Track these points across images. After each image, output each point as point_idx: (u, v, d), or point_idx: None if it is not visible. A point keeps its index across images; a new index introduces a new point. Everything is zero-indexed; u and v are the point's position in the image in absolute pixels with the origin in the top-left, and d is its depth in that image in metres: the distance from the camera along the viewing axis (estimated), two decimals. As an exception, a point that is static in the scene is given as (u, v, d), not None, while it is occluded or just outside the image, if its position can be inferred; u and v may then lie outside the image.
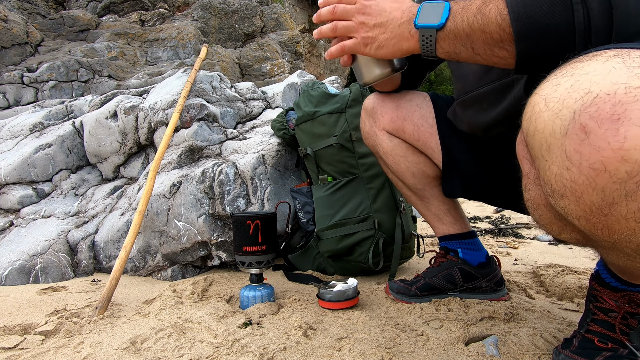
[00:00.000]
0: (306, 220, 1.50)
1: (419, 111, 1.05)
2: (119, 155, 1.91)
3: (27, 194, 1.78)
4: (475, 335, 0.87)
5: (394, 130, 1.08)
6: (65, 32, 3.62)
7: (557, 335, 0.87)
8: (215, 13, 4.19)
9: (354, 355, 0.79)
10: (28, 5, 3.73)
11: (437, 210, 1.11)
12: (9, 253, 1.49)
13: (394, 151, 1.08)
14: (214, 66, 3.36)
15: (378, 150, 1.13)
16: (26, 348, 0.86)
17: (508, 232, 2.37)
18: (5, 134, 2.14)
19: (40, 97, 2.90)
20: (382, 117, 1.08)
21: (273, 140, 1.67)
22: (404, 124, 1.05)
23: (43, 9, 3.85)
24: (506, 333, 0.88)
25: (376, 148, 1.13)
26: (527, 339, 0.84)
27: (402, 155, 1.08)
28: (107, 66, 3.17)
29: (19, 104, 2.86)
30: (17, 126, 2.14)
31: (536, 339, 0.85)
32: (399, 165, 1.09)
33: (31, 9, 3.73)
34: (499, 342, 0.84)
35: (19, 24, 3.21)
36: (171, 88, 1.97)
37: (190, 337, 0.89)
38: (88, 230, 1.62)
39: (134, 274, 1.50)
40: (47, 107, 2.43)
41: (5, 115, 2.63)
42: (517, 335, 0.87)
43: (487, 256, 1.10)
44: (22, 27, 3.22)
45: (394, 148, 1.08)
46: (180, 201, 1.46)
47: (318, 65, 7.53)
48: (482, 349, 0.81)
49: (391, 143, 1.08)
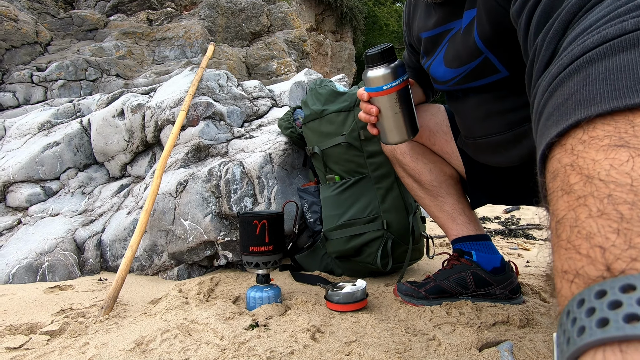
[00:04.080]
0: (313, 220, 1.48)
1: (434, 119, 1.10)
2: (125, 154, 1.90)
3: (35, 192, 1.79)
4: (489, 341, 0.84)
5: None
6: (74, 32, 3.65)
7: (574, 342, 0.83)
8: (222, 12, 4.19)
9: (363, 360, 0.76)
10: (38, 5, 3.77)
11: (451, 209, 1.09)
12: (17, 251, 1.49)
13: (412, 150, 1.12)
14: (221, 65, 3.35)
15: (395, 152, 1.15)
16: (31, 348, 0.85)
17: (519, 233, 2.32)
18: (14, 132, 2.15)
19: (50, 96, 2.92)
20: None
21: (280, 139, 1.65)
22: (420, 130, 1.08)
23: (52, 8, 3.88)
24: (521, 338, 0.85)
25: (393, 151, 1.16)
26: (543, 345, 0.81)
27: (420, 153, 1.12)
28: (115, 65, 3.19)
29: (29, 102, 2.88)
30: (25, 125, 2.15)
31: (552, 345, 0.81)
32: (416, 162, 1.11)
33: (41, 9, 3.76)
34: (514, 348, 0.81)
35: (29, 24, 3.24)
36: (178, 86, 1.96)
37: (196, 338, 0.88)
38: (95, 228, 1.61)
39: (140, 273, 1.49)
40: (56, 105, 2.44)
41: (15, 114, 2.65)
42: (533, 341, 0.84)
43: (501, 261, 1.07)
44: (32, 27, 3.25)
45: (412, 147, 1.12)
46: (186, 200, 1.45)
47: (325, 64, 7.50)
48: (496, 355, 0.78)
49: (409, 144, 1.12)
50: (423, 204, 1.16)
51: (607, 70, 0.29)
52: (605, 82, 0.29)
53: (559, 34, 0.39)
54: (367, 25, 10.19)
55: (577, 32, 0.35)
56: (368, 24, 10.36)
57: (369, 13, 10.25)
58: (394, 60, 0.83)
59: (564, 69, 0.34)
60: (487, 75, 0.79)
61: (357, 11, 9.07)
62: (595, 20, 0.34)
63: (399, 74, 0.83)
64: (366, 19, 9.94)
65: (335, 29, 8.74)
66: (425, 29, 0.90)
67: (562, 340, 0.23)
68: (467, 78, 0.83)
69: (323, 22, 8.42)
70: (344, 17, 8.65)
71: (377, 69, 0.83)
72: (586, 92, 0.30)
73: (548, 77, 0.36)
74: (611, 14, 0.33)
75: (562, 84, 0.34)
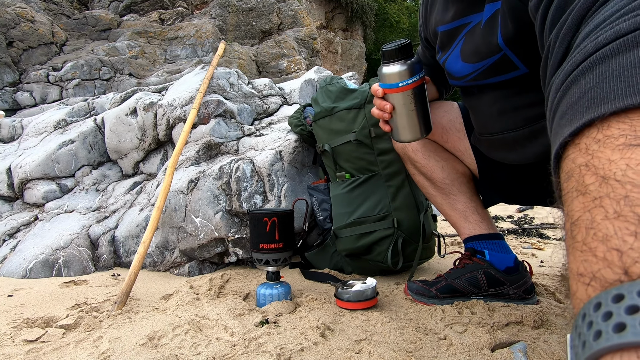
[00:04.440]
0: (323, 218, 1.48)
1: (447, 116, 1.08)
2: (138, 152, 1.93)
3: (51, 189, 1.83)
4: (502, 341, 0.83)
5: None
6: (89, 32, 3.71)
7: (591, 344, 0.81)
8: (232, 11, 4.21)
9: (374, 359, 0.76)
10: (54, 6, 3.84)
11: (463, 208, 1.07)
12: (34, 247, 1.53)
13: (424, 147, 1.11)
14: (232, 63, 3.37)
15: (407, 150, 1.14)
16: (47, 341, 0.87)
17: (532, 233, 2.28)
18: (31, 130, 2.20)
19: (65, 95, 2.98)
20: None
21: (290, 137, 1.65)
22: (433, 128, 1.06)
23: (68, 9, 3.96)
24: (535, 340, 0.84)
25: (405, 149, 1.15)
26: (558, 347, 0.79)
27: (432, 151, 1.10)
28: (128, 64, 3.23)
29: (45, 102, 2.95)
30: (42, 123, 2.20)
31: (567, 347, 0.80)
32: (428, 160, 1.10)
33: (56, 10, 3.83)
34: (528, 349, 0.79)
35: (45, 25, 3.31)
36: (189, 85, 1.97)
37: (206, 334, 0.89)
38: (108, 225, 1.64)
39: (152, 269, 1.51)
40: (71, 104, 2.49)
41: (32, 113, 2.72)
42: (547, 342, 0.82)
43: (515, 260, 1.04)
44: (48, 28, 3.32)
45: (424, 144, 1.11)
46: (197, 197, 1.46)
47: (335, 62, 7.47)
48: (509, 355, 0.76)
49: (421, 141, 1.10)
50: (434, 202, 1.14)
51: (621, 66, 0.28)
52: (620, 79, 0.28)
53: (573, 29, 0.38)
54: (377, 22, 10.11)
55: (590, 28, 0.34)
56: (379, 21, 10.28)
57: (379, 10, 10.18)
58: (411, 57, 0.81)
59: (577, 66, 0.33)
60: (506, 71, 0.77)
61: (368, 8, 9.01)
62: (608, 15, 0.33)
63: (415, 71, 0.81)
64: (377, 16, 9.87)
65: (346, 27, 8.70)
66: (442, 22, 0.88)
67: (577, 343, 0.23)
68: (485, 74, 0.81)
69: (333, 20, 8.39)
70: (354, 14, 8.60)
71: (393, 65, 0.81)
72: (600, 90, 0.29)
73: (561, 74, 0.35)
74: (625, 9, 0.31)
75: (576, 82, 0.33)
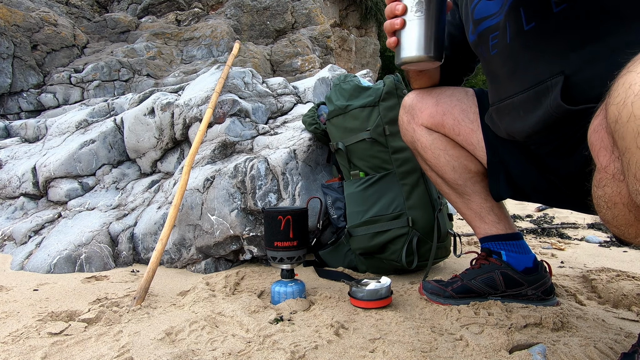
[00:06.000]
0: (337, 217, 1.48)
1: (460, 105, 1.01)
2: (156, 151, 1.97)
3: (73, 187, 1.89)
4: (520, 343, 0.81)
5: (433, 126, 1.04)
6: (108, 34, 3.81)
7: (613, 347, 0.79)
8: (247, 10, 4.24)
9: (388, 358, 0.76)
10: (75, 10, 3.96)
11: (478, 208, 1.04)
12: (57, 243, 1.58)
13: (433, 145, 1.05)
14: (246, 63, 3.40)
15: (417, 146, 1.09)
16: (71, 334, 0.90)
17: (552, 232, 2.22)
18: (54, 130, 2.28)
19: (86, 96, 3.07)
20: (420, 113, 1.06)
21: (304, 135, 1.65)
22: (443, 118, 1.02)
23: (88, 12, 4.07)
24: (555, 342, 0.82)
25: (414, 144, 1.10)
26: (579, 350, 0.77)
27: (442, 149, 1.04)
28: (146, 65, 3.30)
29: (67, 102, 3.04)
30: (64, 123, 2.28)
31: (589, 349, 0.77)
32: (438, 159, 1.04)
33: (78, 13, 3.95)
34: (547, 352, 0.77)
35: (67, 28, 3.41)
36: (205, 84, 2.00)
37: (222, 330, 0.90)
38: (128, 222, 1.68)
39: (169, 266, 1.55)
40: (92, 105, 2.56)
41: (55, 114, 2.81)
42: (568, 345, 0.80)
43: (534, 261, 1.02)
44: (70, 31, 3.42)
45: (433, 142, 1.05)
46: (213, 195, 1.48)
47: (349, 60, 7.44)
48: (528, 358, 0.75)
49: (430, 137, 1.05)
50: (449, 200, 1.12)
51: None
52: None
53: None
54: (392, 19, 9.99)
55: None
56: (393, 18, 10.15)
57: (394, 7, 10.05)
58: None
59: None
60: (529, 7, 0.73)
61: (382, 5, 8.92)
62: None
63: None
64: (391, 13, 9.75)
65: (360, 24, 8.63)
66: None
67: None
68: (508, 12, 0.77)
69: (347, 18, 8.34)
70: (368, 11, 8.53)
71: None
72: None
73: None
74: None
75: None
